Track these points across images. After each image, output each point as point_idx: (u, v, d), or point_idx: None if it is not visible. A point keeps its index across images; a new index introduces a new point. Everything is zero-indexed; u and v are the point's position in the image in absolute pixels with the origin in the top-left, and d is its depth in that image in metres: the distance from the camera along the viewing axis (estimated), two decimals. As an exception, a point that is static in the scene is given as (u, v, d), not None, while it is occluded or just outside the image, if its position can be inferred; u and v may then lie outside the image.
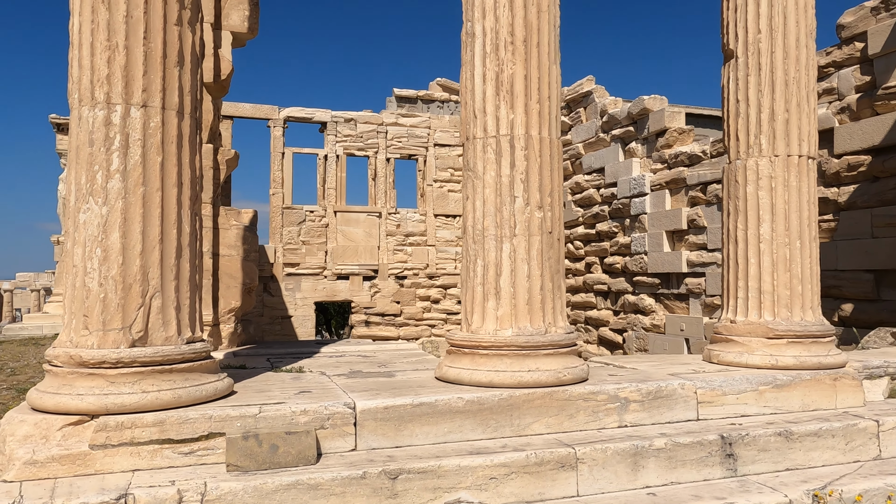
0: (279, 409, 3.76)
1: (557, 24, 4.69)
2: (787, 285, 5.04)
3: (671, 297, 12.97)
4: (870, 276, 9.48)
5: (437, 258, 18.76)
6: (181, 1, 3.89)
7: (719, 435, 4.15)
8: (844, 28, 9.99)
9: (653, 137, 13.54)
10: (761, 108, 5.12)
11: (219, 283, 6.16)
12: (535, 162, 4.48)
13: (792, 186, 5.06)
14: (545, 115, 4.52)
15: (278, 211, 17.46)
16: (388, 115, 18.40)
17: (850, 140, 9.77)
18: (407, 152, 18.55)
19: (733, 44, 5.30)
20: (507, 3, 4.44)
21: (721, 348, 5.26)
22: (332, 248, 17.86)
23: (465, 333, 4.55)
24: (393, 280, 18.37)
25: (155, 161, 3.75)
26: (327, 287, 17.92)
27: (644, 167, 13.82)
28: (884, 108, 9.31)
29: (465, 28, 4.68)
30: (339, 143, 17.99)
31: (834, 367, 4.94)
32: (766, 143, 5.12)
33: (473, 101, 4.58)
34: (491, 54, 4.49)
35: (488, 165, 4.50)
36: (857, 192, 9.74)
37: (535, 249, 4.46)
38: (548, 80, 4.54)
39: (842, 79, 9.97)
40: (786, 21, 5.07)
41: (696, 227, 12.28)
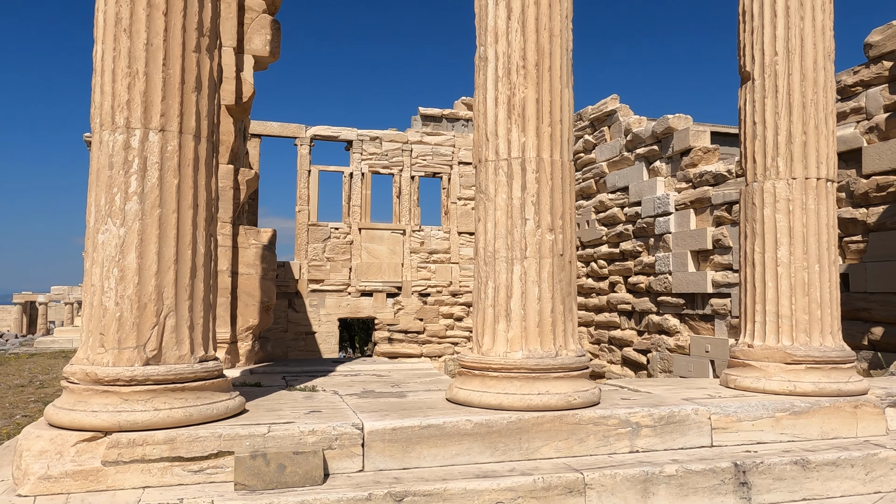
0: (288, 429, 3.80)
1: (570, 49, 4.72)
2: (805, 310, 4.95)
3: (696, 317, 12.78)
4: (900, 300, 9.23)
5: (460, 276, 18.77)
6: (200, 29, 4.01)
7: (733, 462, 4.08)
8: (872, 47, 9.84)
9: (677, 156, 13.44)
10: (778, 131, 5.07)
11: (237, 301, 6.26)
12: (547, 185, 4.49)
13: (810, 209, 4.99)
14: (557, 138, 4.54)
15: (304, 227, 17.68)
16: (413, 133, 18.57)
17: (879, 160, 9.58)
18: (431, 170, 18.67)
19: (750, 66, 5.27)
20: (519, 28, 4.49)
21: (738, 373, 5.18)
22: (356, 265, 18.00)
23: (475, 355, 4.55)
24: (416, 297, 18.42)
25: (171, 184, 3.85)
26: (351, 303, 18.04)
27: (668, 186, 13.70)
28: (913, 128, 9.12)
29: (479, 52, 4.73)
30: (365, 161, 18.19)
31: (855, 393, 4.83)
32: (784, 166, 5.06)
33: (486, 125, 4.62)
34: (503, 78, 4.53)
35: (500, 188, 4.53)
36: (886, 212, 9.53)
37: (546, 272, 4.46)
38: (559, 103, 4.56)
39: (870, 98, 9.80)
40: (803, 43, 5.03)
41: (721, 247, 12.12)
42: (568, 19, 4.71)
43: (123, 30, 3.81)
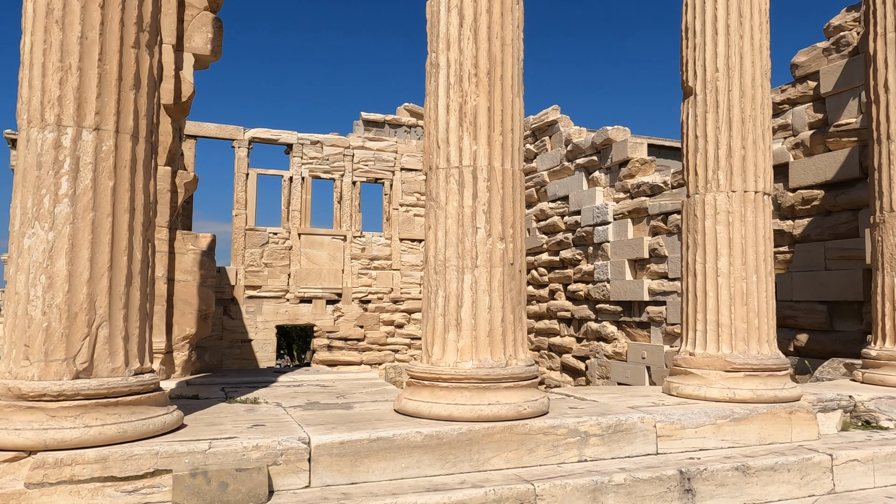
0: (230, 445, 3.63)
1: (521, 58, 4.73)
2: (744, 319, 5.11)
3: (633, 324, 13.09)
4: (823, 308, 9.71)
5: (401, 282, 18.66)
6: (139, 23, 3.81)
7: (678, 470, 4.15)
8: (798, 67, 10.34)
9: (616, 167, 13.76)
10: (719, 145, 5.23)
11: (173, 309, 5.98)
12: (498, 193, 4.48)
13: (749, 221, 5.16)
14: (508, 147, 4.54)
15: (241, 232, 17.20)
16: (354, 138, 18.38)
17: (804, 175, 10.06)
18: (373, 176, 18.52)
19: (692, 81, 5.42)
20: (471, 36, 4.47)
21: (680, 381, 5.29)
22: (295, 271, 17.63)
23: (425, 365, 4.48)
24: (357, 304, 18.20)
25: (106, 186, 3.63)
26: (289, 310, 17.65)
27: (607, 196, 14.02)
28: (835, 145, 9.63)
29: (430, 59, 4.69)
30: (305, 166, 17.87)
31: (789, 400, 5.01)
32: (724, 179, 5.22)
33: (437, 132, 4.58)
34: (455, 86, 4.50)
35: (451, 196, 4.49)
36: (811, 225, 10.01)
37: (497, 281, 4.44)
38: (511, 112, 4.56)
39: (796, 115, 10.29)
40: (742, 61, 5.21)
41: (657, 256, 12.46)
42: (519, 29, 4.73)
43: (55, 21, 3.57)
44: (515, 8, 4.65)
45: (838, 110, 9.62)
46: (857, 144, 9.30)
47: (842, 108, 9.57)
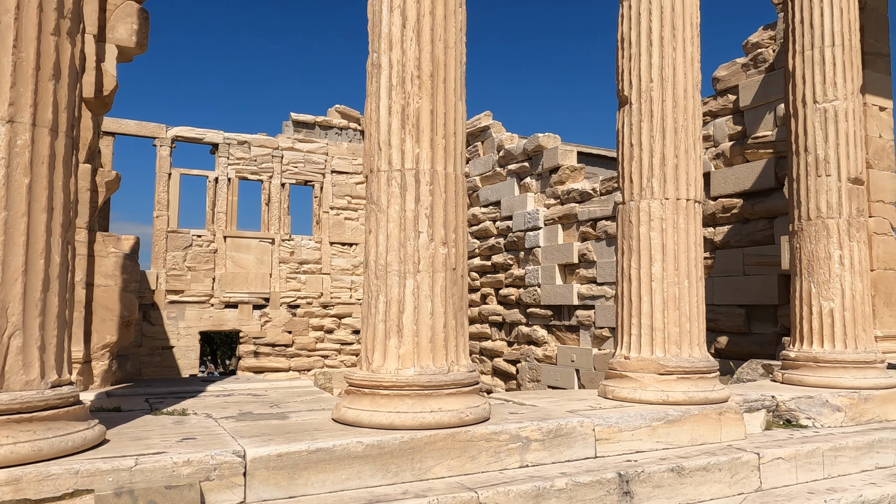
0: (159, 460, 3.40)
1: (463, 62, 4.70)
2: (676, 323, 5.25)
3: (563, 328, 13.33)
4: (742, 311, 10.17)
5: (331, 287, 18.34)
6: (60, 9, 3.54)
7: (617, 473, 4.20)
8: (719, 81, 10.82)
9: (546, 174, 14.00)
10: (653, 153, 5.37)
11: (93, 315, 5.61)
12: (441, 197, 4.42)
13: (681, 228, 5.32)
14: (451, 150, 4.49)
15: (162, 235, 16.47)
16: (284, 139, 17.95)
17: (725, 184, 10.53)
18: (303, 178, 18.13)
19: (627, 90, 5.55)
20: (414, 38, 4.41)
21: (616, 384, 5.38)
22: (220, 275, 17.02)
23: (365, 372, 4.37)
24: (285, 309, 17.75)
25: (21, 183, 3.35)
26: (214, 316, 17.02)
27: (538, 202, 14.24)
28: (753, 156, 10.12)
29: (371, 59, 4.59)
30: (232, 166, 17.30)
31: (719, 401, 5.18)
32: (658, 186, 5.35)
33: (378, 133, 4.48)
34: (397, 87, 4.42)
35: (392, 199, 4.40)
36: (730, 232, 10.48)
37: (440, 286, 4.38)
38: (454, 116, 4.52)
39: (717, 127, 10.76)
40: (675, 72, 5.37)
41: (586, 261, 12.74)
42: (462, 32, 4.70)
43: (-36, 2, 3.26)
44: (458, 11, 4.62)
45: (756, 123, 10.11)
46: (773, 156, 9.81)
47: (759, 121, 10.08)
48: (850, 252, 6.25)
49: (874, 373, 6.17)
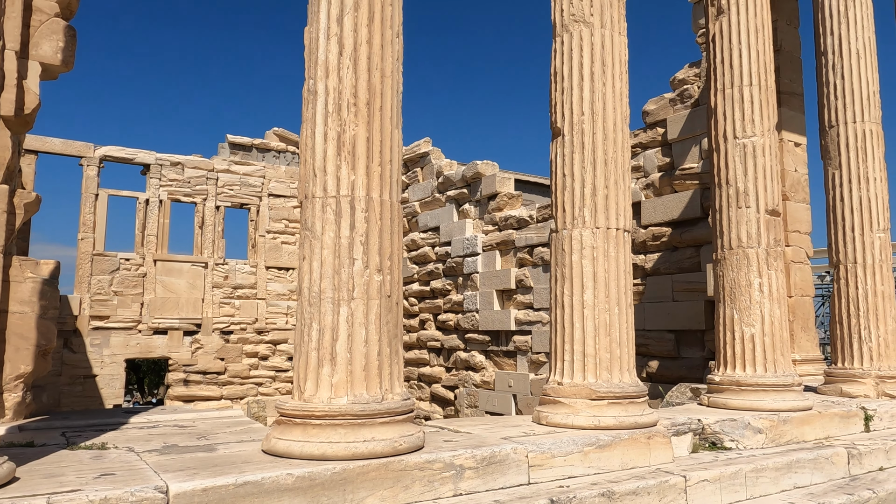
0: (73, 499, 3.22)
1: (400, 91, 4.75)
2: (607, 349, 5.38)
3: (500, 353, 13.43)
4: (672, 336, 10.50)
5: (267, 312, 17.95)
6: (-23, 25, 3.40)
7: (549, 499, 4.24)
8: (648, 114, 11.29)
9: (485, 200, 14.20)
10: (584, 183, 5.53)
11: (6, 344, 5.29)
12: (376, 224, 4.42)
13: (611, 256, 5.47)
14: (387, 178, 4.51)
15: (87, 258, 15.79)
16: (219, 161, 17.59)
17: (654, 213, 10.92)
18: (239, 201, 17.78)
19: (560, 123, 5.72)
20: (351, 66, 4.43)
21: (549, 410, 5.45)
22: (149, 300, 16.42)
23: (297, 402, 4.28)
24: (218, 335, 17.23)
25: (-72, 205, 3.16)
26: (142, 342, 16.36)
27: (477, 228, 14.40)
28: (681, 187, 10.55)
29: (308, 85, 4.58)
30: (164, 188, 16.81)
31: (648, 425, 5.31)
32: (589, 216, 5.51)
33: (314, 160, 4.45)
34: (333, 114, 4.41)
35: (327, 226, 4.37)
36: (660, 259, 10.85)
37: (374, 313, 4.35)
38: (390, 143, 4.55)
39: (647, 158, 11.19)
40: (605, 107, 5.57)
41: (523, 287, 12.93)
42: (399, 62, 4.75)
43: None
44: (395, 41, 4.68)
45: (683, 155, 10.57)
46: (699, 187, 10.25)
47: (686, 153, 10.54)
48: (769, 280, 6.57)
49: (792, 395, 6.47)
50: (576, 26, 5.67)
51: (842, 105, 7.76)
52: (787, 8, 9.87)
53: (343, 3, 4.48)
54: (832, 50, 7.87)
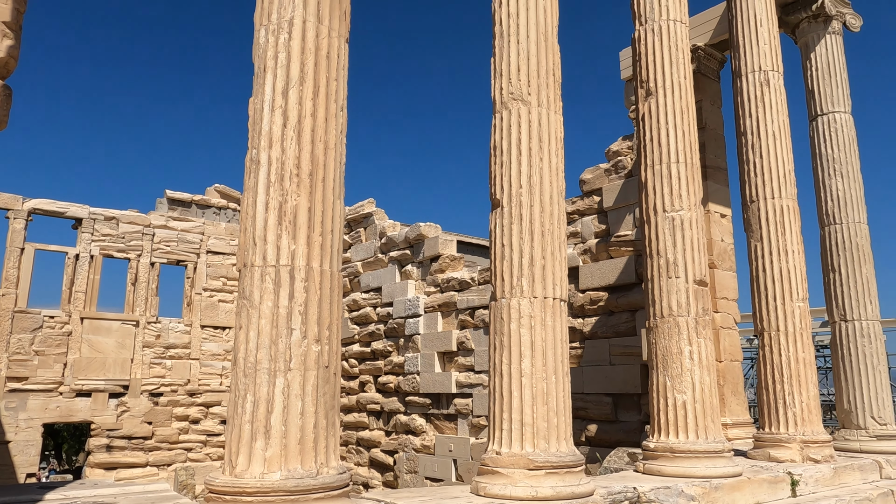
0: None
1: (343, 162, 4.83)
2: (545, 418, 5.42)
3: (441, 417, 13.29)
4: (609, 400, 10.66)
5: (200, 373, 17.32)
6: None
7: (486, 576, 4.17)
8: (585, 183, 11.74)
9: (427, 262, 14.31)
10: (523, 254, 5.68)
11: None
12: (315, 294, 4.41)
13: (548, 326, 5.59)
14: (327, 247, 4.53)
15: (8, 315, 15.00)
16: (157, 216, 17.22)
17: (592, 278, 11.23)
18: (176, 257, 17.36)
19: (500, 194, 5.90)
20: (295, 137, 4.49)
21: (488, 480, 5.42)
22: (73, 360, 15.63)
23: (227, 478, 4.13)
24: (146, 397, 16.47)
25: None
26: (63, 406, 15.46)
27: (419, 289, 14.44)
28: (616, 253, 10.93)
29: (251, 155, 4.61)
30: (96, 243, 16.28)
31: (585, 495, 5.33)
32: (527, 285, 5.64)
33: (254, 229, 4.44)
34: (276, 184, 4.44)
35: (266, 295, 4.33)
36: (598, 323, 11.10)
37: (311, 385, 4.29)
38: (332, 214, 4.59)
39: (584, 225, 11.57)
40: (542, 181, 5.80)
41: (464, 349, 12.95)
42: (342, 134, 4.85)
43: None
44: (339, 114, 4.78)
45: (618, 223, 10.99)
46: (633, 253, 10.64)
47: (621, 221, 10.96)
48: (699, 348, 6.82)
49: (723, 462, 6.63)
50: (514, 104, 5.93)
51: (761, 182, 8.29)
52: (710, 89, 10.58)
53: (289, 76, 4.58)
54: (751, 131, 8.46)
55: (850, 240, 9.38)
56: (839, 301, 9.39)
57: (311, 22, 4.67)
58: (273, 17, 4.68)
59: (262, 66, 4.67)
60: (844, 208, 9.48)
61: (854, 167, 9.59)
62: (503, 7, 6.16)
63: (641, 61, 7.45)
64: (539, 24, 6.07)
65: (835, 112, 9.77)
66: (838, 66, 9.89)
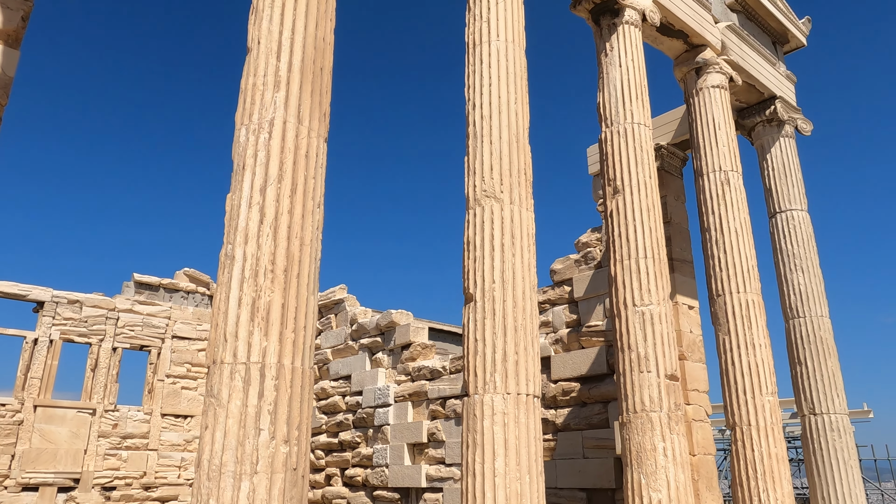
0: None
1: (318, 257, 4.86)
2: (518, 520, 5.26)
3: (410, 513, 12.77)
4: (583, 495, 10.40)
5: (157, 465, 16.52)
6: None
7: None
8: (556, 273, 11.91)
9: (399, 349, 14.15)
10: (496, 349, 5.68)
11: None
12: (286, 392, 4.32)
13: (522, 423, 5.52)
14: (300, 344, 4.48)
15: (-44, 403, 14.29)
16: (122, 300, 16.88)
17: (564, 368, 11.20)
18: (139, 342, 16.90)
19: (473, 289, 5.95)
20: (271, 234, 4.53)
21: (460, 589, 5.18)
22: (22, 451, 14.83)
23: (184, 592, 3.88)
24: (98, 492, 15.58)
25: None
26: (6, 502, 14.51)
27: (389, 378, 14.20)
28: (588, 343, 10.96)
29: (225, 250, 4.62)
30: (57, 327, 15.82)
31: None
32: (500, 381, 5.61)
33: (226, 325, 4.39)
34: (250, 280, 4.44)
35: (234, 394, 4.23)
36: (570, 414, 10.98)
37: (278, 489, 4.13)
38: (305, 310, 4.57)
39: (555, 315, 11.65)
40: (514, 276, 5.88)
41: (435, 440, 12.62)
42: (318, 230, 4.90)
43: None
44: (316, 211, 4.85)
45: (589, 313, 11.09)
46: (604, 344, 10.69)
47: (591, 311, 11.07)
48: (672, 444, 6.77)
49: (701, 564, 6.45)
50: (487, 201, 6.09)
51: (726, 276, 8.52)
52: (674, 185, 11.01)
53: (267, 174, 4.67)
54: (714, 227, 8.76)
55: (814, 333, 9.59)
56: (807, 394, 9.49)
57: (291, 122, 4.82)
58: (254, 118, 4.82)
59: (241, 163, 4.76)
60: (807, 302, 9.74)
61: (813, 262, 9.93)
62: (476, 109, 6.43)
63: (608, 160, 7.77)
64: (511, 126, 6.33)
65: (792, 210, 10.20)
66: (793, 167, 10.42)
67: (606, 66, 8.09)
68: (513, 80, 6.50)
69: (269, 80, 4.88)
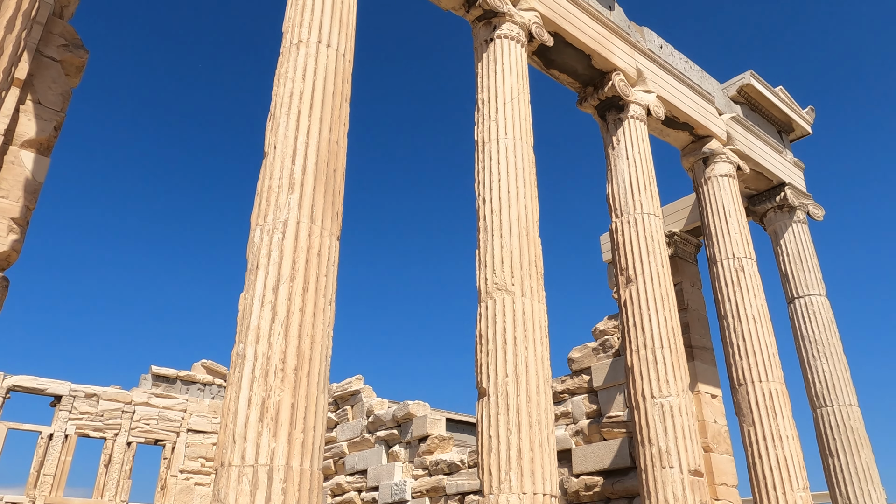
0: None
1: (329, 355, 4.87)
2: None
3: None
4: None
5: (167, 567, 15.94)
6: None
7: None
8: (574, 361, 11.73)
9: (415, 442, 13.82)
10: (510, 446, 5.54)
11: None
12: (293, 496, 4.22)
13: (539, 525, 5.31)
14: (308, 445, 4.42)
15: (-32, 502, 14.07)
16: (139, 393, 16.84)
17: (585, 461, 10.83)
18: (154, 436, 16.71)
19: (486, 383, 5.89)
20: (282, 332, 4.57)
21: None
22: (30, 554, 14.43)
23: None
24: None
25: None
26: None
27: (406, 472, 13.80)
28: (609, 435, 10.63)
29: (237, 349, 4.65)
30: (73, 421, 15.75)
31: None
32: (516, 480, 5.44)
33: (235, 425, 4.36)
34: (260, 379, 4.44)
35: (241, 498, 4.14)
36: (593, 512, 10.50)
37: None
38: (315, 409, 4.54)
39: (575, 405, 11.38)
40: (527, 370, 5.82)
41: (453, 540, 12.09)
42: (330, 327, 4.93)
43: None
44: (328, 309, 4.90)
45: (609, 403, 10.82)
46: (626, 435, 10.36)
47: (611, 400, 10.80)
48: (700, 546, 6.43)
49: None
50: (499, 294, 6.12)
51: (746, 365, 8.33)
52: (689, 271, 10.99)
53: (280, 273, 4.76)
54: (731, 314, 8.66)
55: (844, 423, 9.24)
56: (842, 488, 9.04)
57: (304, 222, 4.95)
58: (269, 218, 4.96)
59: (255, 263, 4.86)
60: (833, 390, 9.45)
61: (836, 348, 9.71)
62: (486, 204, 6.57)
63: (619, 250, 7.81)
64: (521, 219, 6.45)
65: (810, 295, 10.09)
66: (807, 252, 10.38)
67: (614, 158, 8.29)
68: (521, 174, 6.67)
69: (283, 182, 5.06)
